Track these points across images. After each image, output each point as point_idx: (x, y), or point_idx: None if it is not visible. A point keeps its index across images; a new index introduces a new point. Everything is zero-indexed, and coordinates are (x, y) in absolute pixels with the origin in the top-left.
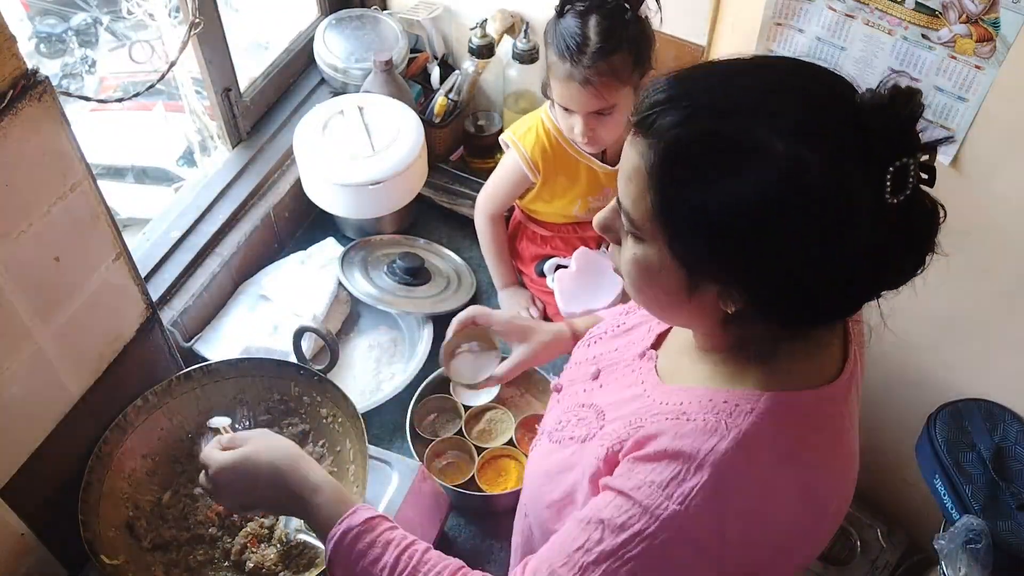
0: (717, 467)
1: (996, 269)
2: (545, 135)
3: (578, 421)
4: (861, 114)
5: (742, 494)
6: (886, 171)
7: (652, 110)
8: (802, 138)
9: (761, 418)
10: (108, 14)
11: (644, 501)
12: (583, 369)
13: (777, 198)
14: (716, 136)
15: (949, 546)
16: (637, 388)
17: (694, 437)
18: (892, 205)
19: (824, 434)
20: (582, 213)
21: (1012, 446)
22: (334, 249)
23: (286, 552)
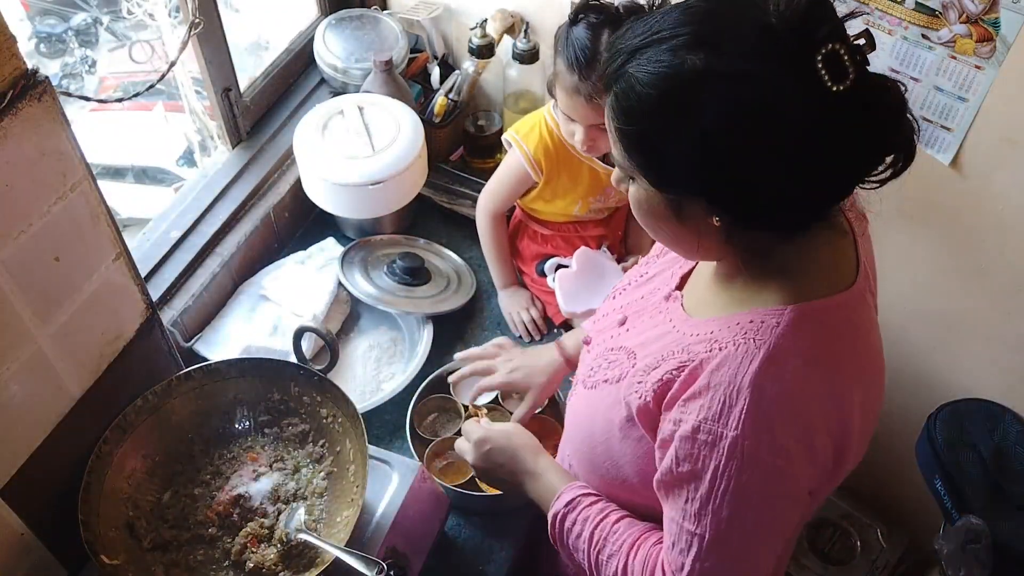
0: (754, 385)
1: (996, 269)
2: (548, 135)
3: (609, 364)
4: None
5: (782, 404)
6: (815, 62)
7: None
8: (716, 52)
9: (787, 329)
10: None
11: (707, 439)
12: (610, 319)
13: (709, 113)
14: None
15: (949, 546)
16: (665, 326)
17: (729, 364)
18: (839, 93)
19: (845, 337)
20: (583, 213)
21: (1012, 446)
22: (334, 249)
23: (286, 552)
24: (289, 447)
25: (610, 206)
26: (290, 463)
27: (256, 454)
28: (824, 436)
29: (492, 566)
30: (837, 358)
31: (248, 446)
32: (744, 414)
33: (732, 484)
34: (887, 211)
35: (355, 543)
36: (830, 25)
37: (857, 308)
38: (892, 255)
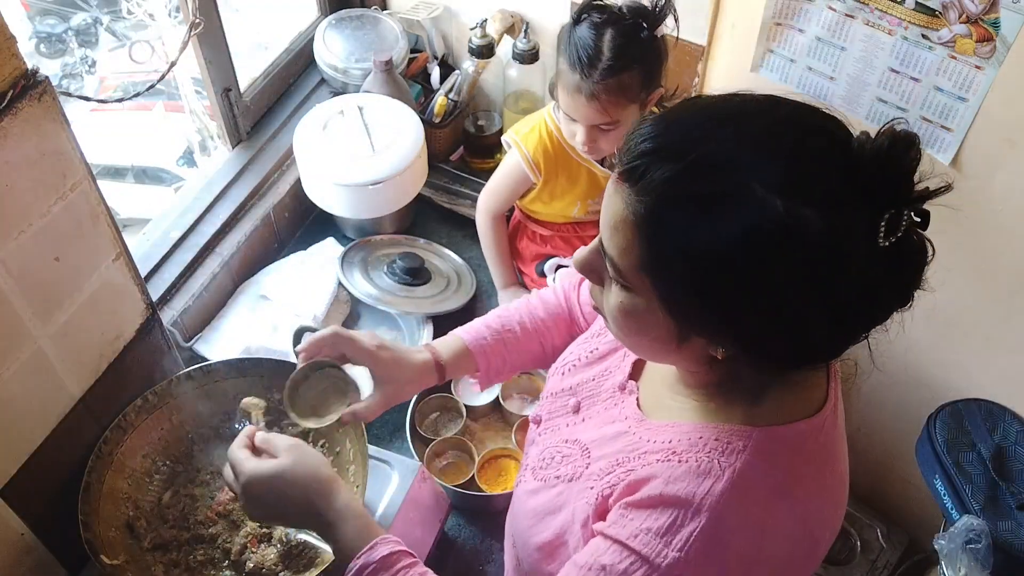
0: (714, 510)
1: (996, 269)
2: (548, 136)
3: (563, 459)
4: (857, 162)
5: (741, 534)
6: (881, 218)
7: (639, 160)
8: (796, 191)
9: (753, 455)
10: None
11: (643, 551)
12: (561, 401)
13: (771, 253)
14: (708, 192)
15: (949, 546)
16: (621, 424)
17: (688, 480)
18: (883, 248)
19: (815, 464)
20: (581, 215)
21: (1012, 446)
22: (334, 249)
23: (286, 552)
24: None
25: None
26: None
27: None
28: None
29: (492, 566)
30: (804, 488)
31: None
32: (694, 538)
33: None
34: None
35: None
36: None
37: (828, 431)
38: None
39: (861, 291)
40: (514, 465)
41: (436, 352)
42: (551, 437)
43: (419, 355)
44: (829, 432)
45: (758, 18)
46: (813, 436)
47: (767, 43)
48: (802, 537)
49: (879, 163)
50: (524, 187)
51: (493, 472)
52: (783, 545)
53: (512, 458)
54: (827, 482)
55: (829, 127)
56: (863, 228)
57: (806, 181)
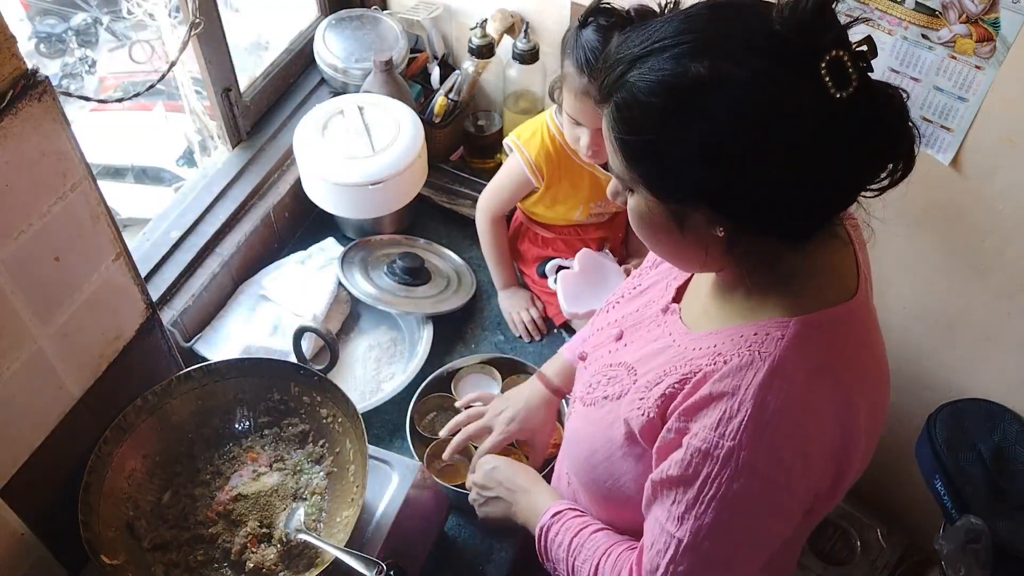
0: (757, 397)
1: (996, 269)
2: (550, 140)
3: (608, 380)
4: (779, 19)
5: (785, 416)
6: (818, 68)
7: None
8: (720, 59)
9: (792, 342)
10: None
11: (702, 446)
12: (605, 333)
13: (714, 121)
14: (646, 82)
15: (949, 546)
16: (665, 340)
17: (732, 375)
18: (842, 100)
19: (851, 345)
20: (583, 218)
21: (1012, 446)
22: (334, 249)
23: (286, 552)
24: (289, 447)
25: (611, 211)
26: (290, 463)
27: (256, 454)
28: (826, 452)
29: (492, 566)
30: (843, 369)
31: (248, 446)
32: (744, 426)
33: (721, 492)
34: (887, 211)
35: (355, 543)
36: (834, 32)
37: (861, 317)
38: (892, 255)
39: (828, 144)
40: None
41: (548, 380)
42: (596, 364)
43: (537, 397)
44: (863, 315)
45: None
46: (848, 319)
47: None
48: (848, 414)
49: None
50: (526, 191)
51: None
52: (830, 423)
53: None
54: (865, 362)
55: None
56: (800, 80)
57: (723, 43)
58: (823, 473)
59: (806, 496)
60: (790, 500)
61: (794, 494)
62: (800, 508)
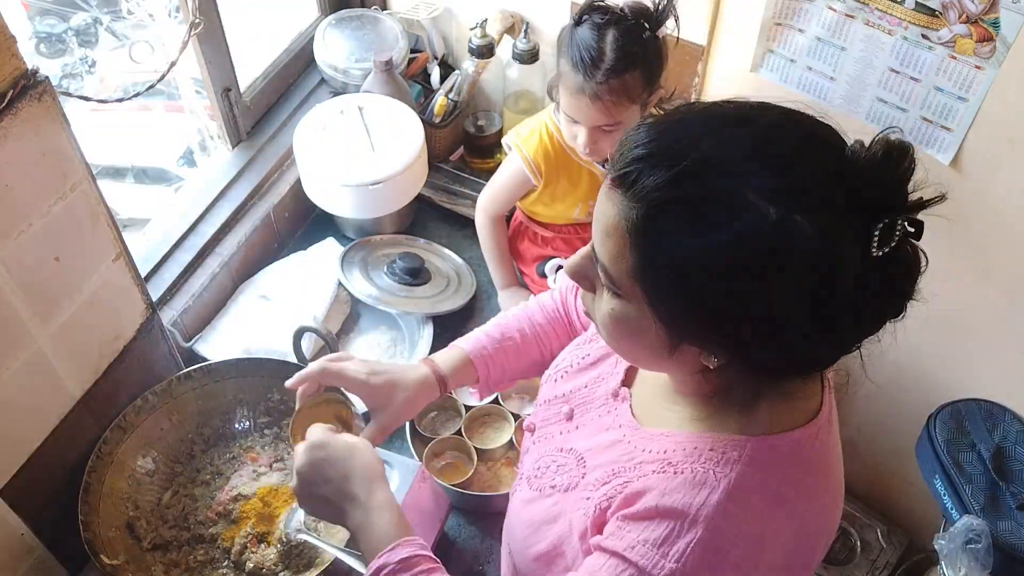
0: (710, 520)
1: (996, 269)
2: (549, 139)
3: (558, 468)
4: (851, 171)
5: (737, 545)
6: (874, 228)
7: (632, 166)
8: (788, 198)
9: (749, 465)
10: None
11: (640, 562)
12: (554, 408)
13: (765, 262)
14: (701, 199)
15: (949, 546)
16: (615, 432)
17: (684, 491)
18: (875, 257)
19: (810, 472)
20: (582, 216)
21: (1012, 446)
22: (334, 249)
23: (286, 552)
24: (289, 447)
25: None
26: (290, 463)
27: (256, 454)
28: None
29: (492, 566)
30: (797, 498)
31: (248, 446)
32: (691, 549)
33: None
34: None
35: (355, 543)
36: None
37: (821, 438)
38: None
39: (853, 300)
40: (513, 464)
41: (435, 366)
42: (545, 445)
43: (416, 372)
44: (824, 440)
45: (758, 18)
46: (808, 444)
47: (767, 43)
48: (798, 545)
49: (872, 172)
50: (525, 190)
51: (492, 472)
52: (780, 553)
53: (511, 458)
54: (822, 489)
55: (822, 134)
56: (855, 237)
57: (798, 188)
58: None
59: None
60: None
61: None
62: None
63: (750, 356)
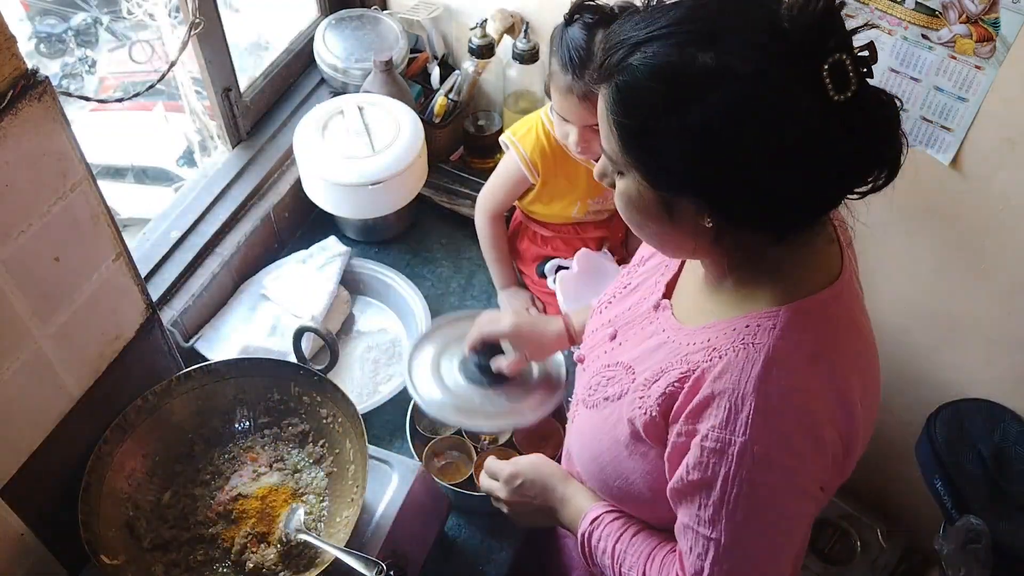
0: (759, 389)
1: (996, 269)
2: (545, 136)
3: (608, 381)
4: (783, 18)
5: (788, 403)
6: (820, 69)
7: (602, 58)
8: (726, 51)
9: (784, 331)
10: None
11: (715, 446)
12: (600, 335)
13: (705, 103)
14: (649, 67)
15: (949, 546)
16: (659, 336)
17: (731, 371)
18: (839, 102)
19: (841, 328)
20: (581, 215)
21: (1012, 446)
22: (335, 248)
23: (286, 552)
24: (289, 447)
25: (609, 208)
26: (290, 463)
27: (256, 454)
28: (831, 429)
29: (492, 566)
30: (835, 351)
31: (248, 446)
32: (751, 419)
33: (745, 488)
34: (887, 212)
35: (355, 543)
36: (839, 35)
37: (846, 298)
38: (892, 256)
39: (823, 145)
40: None
41: (568, 321)
42: (594, 366)
43: (554, 325)
44: (849, 297)
45: None
46: (835, 302)
47: None
48: (843, 390)
49: (799, 12)
50: (523, 188)
51: None
52: (829, 401)
53: (511, 458)
54: (854, 341)
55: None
56: (804, 80)
57: (733, 40)
58: (833, 449)
59: (823, 473)
60: (809, 482)
61: (812, 476)
62: (817, 487)
63: (733, 208)
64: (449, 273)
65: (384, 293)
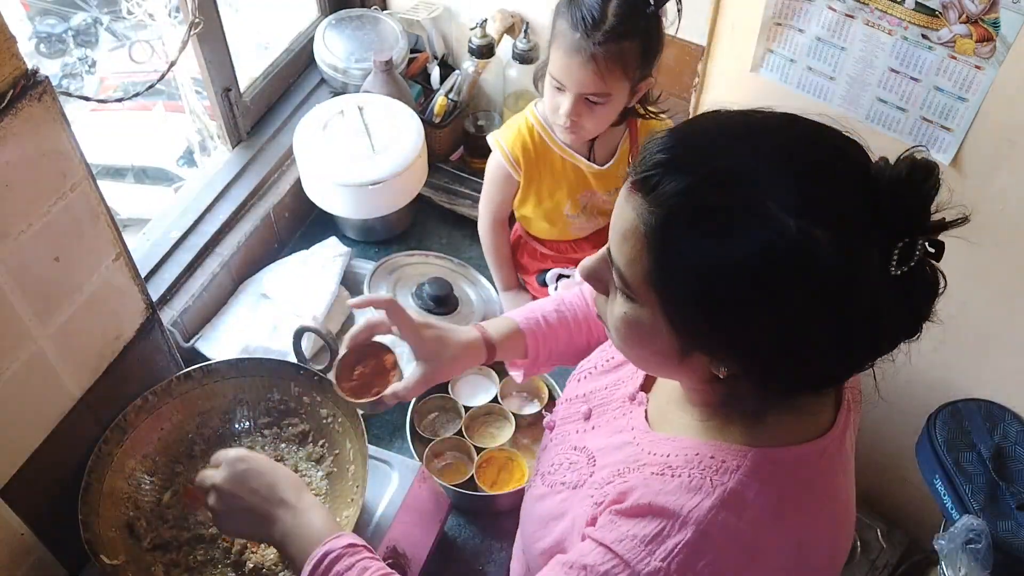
0: (700, 524)
1: (996, 269)
2: (528, 132)
3: (570, 465)
4: (875, 188)
5: (725, 553)
6: (895, 246)
7: (654, 170)
8: (810, 212)
9: (747, 476)
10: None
11: (626, 555)
12: (574, 407)
13: (782, 274)
14: (722, 208)
15: (949, 546)
16: (627, 434)
17: (678, 494)
18: (894, 276)
19: (812, 489)
20: (574, 212)
21: (1012, 446)
22: (336, 248)
23: None
24: (289, 447)
25: (600, 205)
26: (290, 463)
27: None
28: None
29: (492, 566)
30: (796, 514)
31: (248, 446)
32: (678, 549)
33: None
34: None
35: None
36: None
37: (831, 455)
38: None
39: (869, 319)
40: (513, 464)
41: (485, 331)
42: (561, 443)
43: (466, 334)
44: (831, 458)
45: (758, 18)
46: (812, 461)
47: (767, 43)
48: (795, 563)
49: (896, 190)
50: (509, 186)
51: (492, 472)
52: (772, 568)
53: (511, 458)
54: (824, 510)
55: (848, 150)
56: (876, 255)
57: (821, 202)
58: None
59: None
60: None
61: None
62: None
63: (761, 369)
64: None
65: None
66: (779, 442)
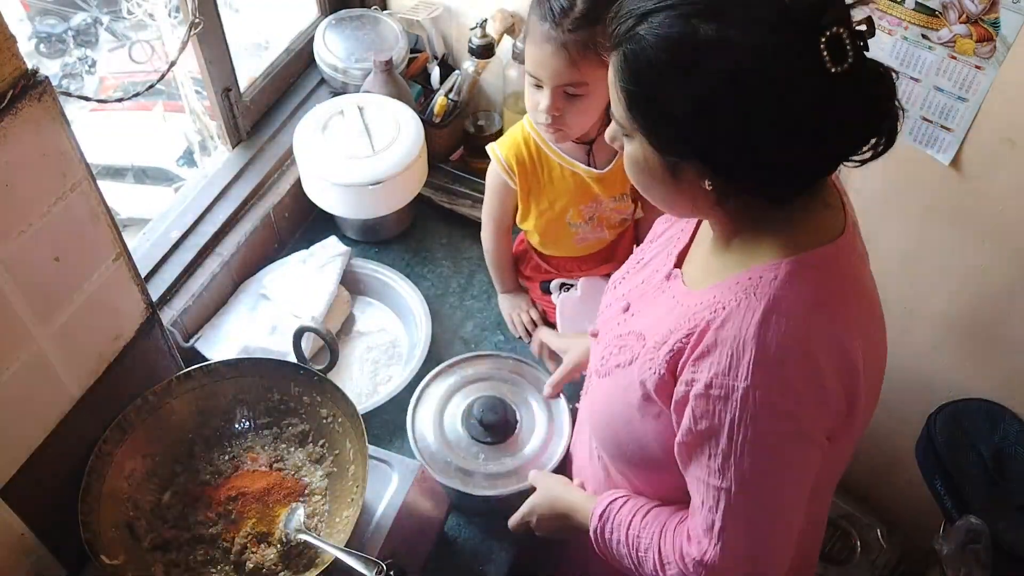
0: (759, 335)
1: (996, 269)
2: (524, 140)
3: (620, 350)
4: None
5: (788, 350)
6: (818, 42)
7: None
8: (728, 23)
9: (784, 281)
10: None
11: (719, 393)
12: (614, 308)
13: (704, 71)
14: (655, 37)
15: (949, 546)
16: (669, 303)
17: (733, 320)
18: (836, 74)
19: (841, 283)
20: (578, 222)
21: (1012, 446)
22: (335, 248)
23: (286, 552)
24: (289, 447)
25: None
26: (290, 463)
27: (256, 454)
28: (833, 381)
29: (492, 566)
30: (835, 302)
31: (248, 446)
32: (752, 364)
33: (750, 433)
34: (887, 211)
35: (355, 543)
36: (837, 10)
37: (848, 254)
38: (892, 255)
39: (820, 115)
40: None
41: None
42: (607, 337)
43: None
44: (850, 252)
45: None
46: (836, 257)
47: None
48: (844, 341)
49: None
50: (507, 196)
51: None
52: (830, 351)
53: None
54: (855, 294)
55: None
56: (800, 52)
57: (733, 9)
58: (835, 397)
59: (825, 420)
60: (813, 428)
61: (815, 422)
62: (822, 433)
63: (733, 172)
64: (449, 273)
65: (384, 293)
66: (805, 247)
